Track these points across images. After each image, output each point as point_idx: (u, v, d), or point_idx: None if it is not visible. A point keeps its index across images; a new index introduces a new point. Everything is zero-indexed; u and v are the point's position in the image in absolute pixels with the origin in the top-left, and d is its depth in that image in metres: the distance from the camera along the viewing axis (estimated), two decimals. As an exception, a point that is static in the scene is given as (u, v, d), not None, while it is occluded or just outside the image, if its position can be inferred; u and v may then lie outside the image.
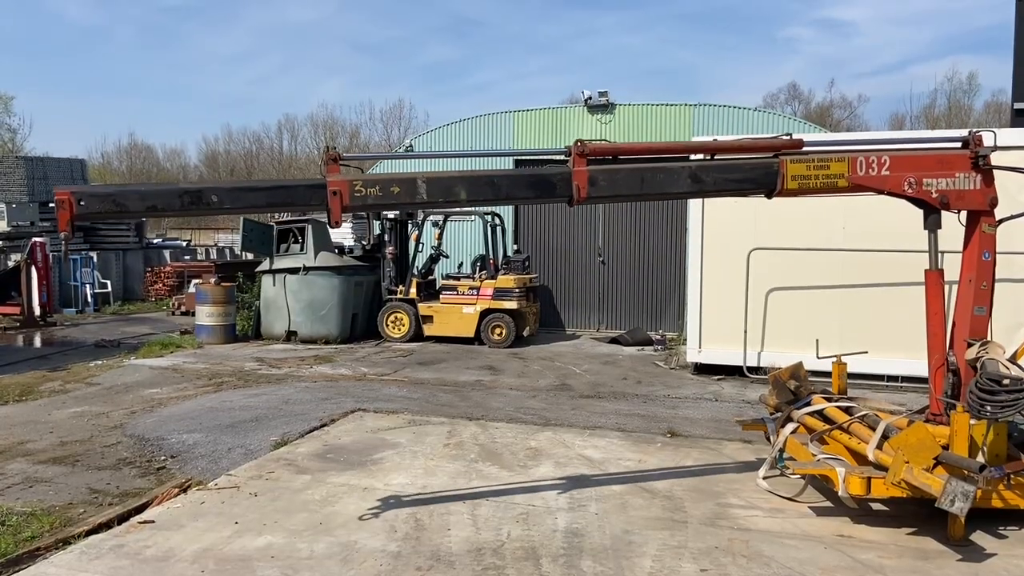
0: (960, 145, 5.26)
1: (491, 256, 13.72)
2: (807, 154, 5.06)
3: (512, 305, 13.15)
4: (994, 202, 5.18)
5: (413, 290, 13.66)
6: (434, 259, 14.37)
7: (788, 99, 48.78)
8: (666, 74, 72.46)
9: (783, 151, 5.04)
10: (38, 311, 16.01)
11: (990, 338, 5.13)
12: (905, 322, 8.40)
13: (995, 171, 5.21)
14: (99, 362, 11.50)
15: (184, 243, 29.46)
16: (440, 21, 78.11)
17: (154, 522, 4.95)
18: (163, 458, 6.62)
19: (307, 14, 77.86)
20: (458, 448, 6.80)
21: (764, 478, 5.67)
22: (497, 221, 14.13)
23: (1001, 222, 5.29)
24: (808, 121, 28.54)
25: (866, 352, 6.72)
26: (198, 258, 25.29)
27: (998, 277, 8.54)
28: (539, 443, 6.99)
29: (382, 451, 6.65)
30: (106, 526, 4.93)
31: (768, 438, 6.06)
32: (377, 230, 14.49)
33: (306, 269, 13.45)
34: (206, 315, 13.44)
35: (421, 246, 13.96)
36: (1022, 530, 4.91)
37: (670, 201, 14.97)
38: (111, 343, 13.45)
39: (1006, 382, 4.36)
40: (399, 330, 13.72)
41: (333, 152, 4.61)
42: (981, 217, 5.19)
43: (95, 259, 19.39)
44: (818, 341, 6.66)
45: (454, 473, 6.06)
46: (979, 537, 4.77)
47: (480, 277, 13.47)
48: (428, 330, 13.57)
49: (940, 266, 5.21)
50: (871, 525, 4.97)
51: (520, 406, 8.69)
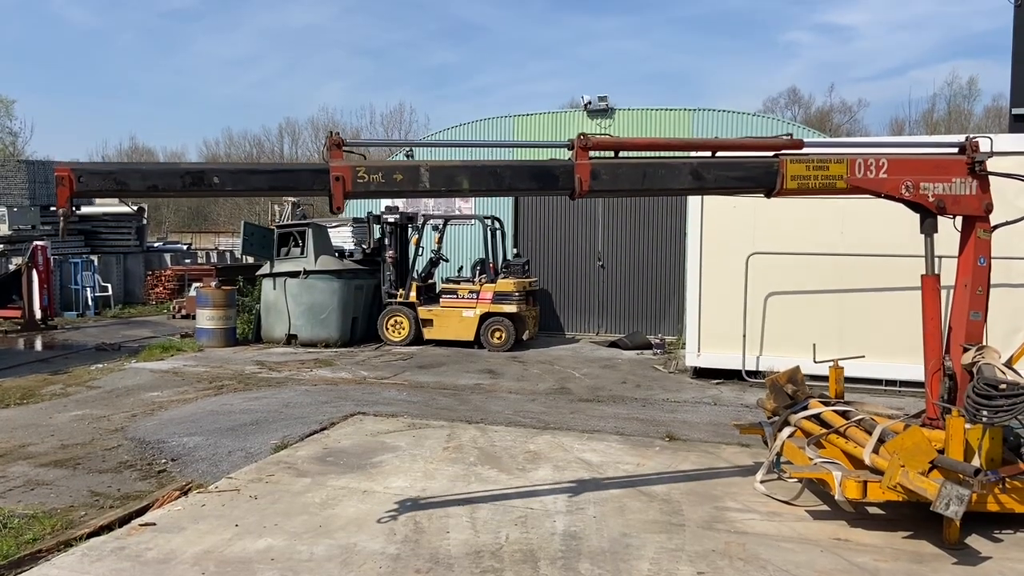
0: (957, 151, 5.31)
1: (491, 260, 13.76)
2: (807, 155, 5.10)
3: (512, 309, 13.19)
4: (989, 208, 5.22)
5: (413, 294, 13.70)
6: (434, 263, 14.41)
7: (788, 103, 48.89)
8: (666, 78, 72.71)
9: (783, 151, 5.08)
10: (39, 314, 16.06)
11: (986, 342, 5.17)
12: (903, 326, 8.45)
13: (992, 177, 5.26)
14: (100, 365, 11.54)
15: (185, 246, 29.48)
16: (441, 25, 78.34)
17: (155, 524, 4.98)
18: (164, 461, 6.64)
19: (308, 18, 78.08)
20: (457, 451, 6.83)
21: (761, 482, 5.69)
22: (497, 225, 14.18)
23: (996, 228, 5.33)
24: (807, 127, 28.62)
25: (863, 356, 6.77)
26: (198, 261, 25.32)
27: (996, 282, 8.58)
28: (538, 446, 7.02)
29: (382, 454, 6.68)
30: (107, 528, 4.95)
31: (765, 442, 6.09)
32: (377, 234, 14.54)
33: (306, 273, 13.49)
34: (206, 318, 13.47)
35: (421, 250, 14.01)
36: (1017, 534, 4.94)
37: (670, 206, 15.10)
38: (112, 346, 13.49)
39: (1003, 387, 4.39)
40: (399, 334, 13.76)
41: (337, 138, 4.60)
42: (976, 222, 5.22)
43: (96, 262, 19.43)
44: (815, 345, 6.69)
45: (453, 476, 6.09)
46: (974, 541, 4.80)
47: (480, 281, 13.52)
48: (428, 334, 13.61)
49: (936, 271, 5.25)
50: (867, 529, 5.00)
51: (519, 410, 8.72)
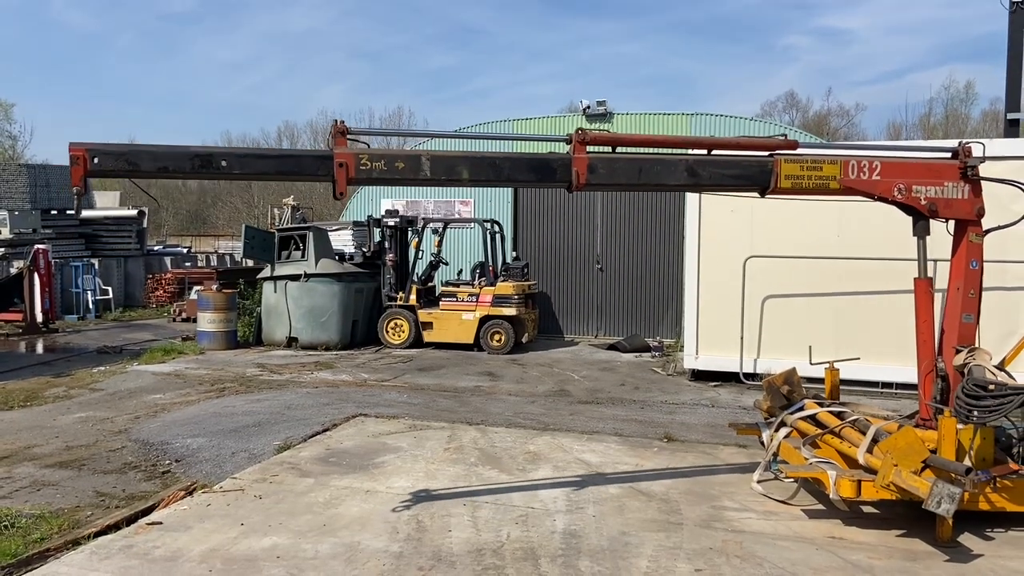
0: (950, 155, 5.41)
1: (490, 263, 13.85)
2: (801, 155, 5.20)
3: (511, 312, 13.28)
4: (981, 212, 5.32)
5: (413, 297, 13.79)
6: (434, 266, 14.49)
7: (786, 107, 49.09)
8: (664, 82, 72.98)
9: (778, 151, 5.18)
10: (40, 317, 16.12)
11: (978, 345, 5.26)
12: (899, 329, 8.52)
13: (985, 182, 5.35)
14: (102, 368, 11.61)
15: (184, 250, 29.56)
16: (439, 28, 78.62)
17: (162, 524, 5.06)
18: (168, 462, 6.72)
19: (307, 21, 78.33)
20: (458, 452, 6.91)
21: (758, 481, 5.78)
22: (496, 228, 14.27)
23: (988, 232, 5.43)
24: (805, 130, 28.77)
25: (858, 359, 6.86)
26: (198, 265, 25.40)
27: (991, 285, 8.68)
28: (538, 447, 7.11)
29: (384, 455, 6.77)
30: (114, 527, 5.03)
31: (762, 443, 6.18)
32: (377, 237, 14.63)
33: (307, 276, 13.57)
34: (208, 321, 13.55)
35: (421, 253, 14.09)
36: (1009, 532, 5.03)
37: (669, 209, 15.21)
38: (113, 349, 13.56)
39: (992, 388, 4.49)
40: (399, 336, 13.84)
41: (341, 126, 4.71)
42: (969, 227, 5.32)
43: (96, 266, 19.51)
44: (811, 348, 6.78)
45: (454, 476, 6.18)
46: (967, 539, 4.89)
47: (479, 284, 13.60)
48: (428, 336, 13.70)
49: (929, 274, 5.34)
50: (862, 527, 5.09)
51: (519, 411, 8.80)
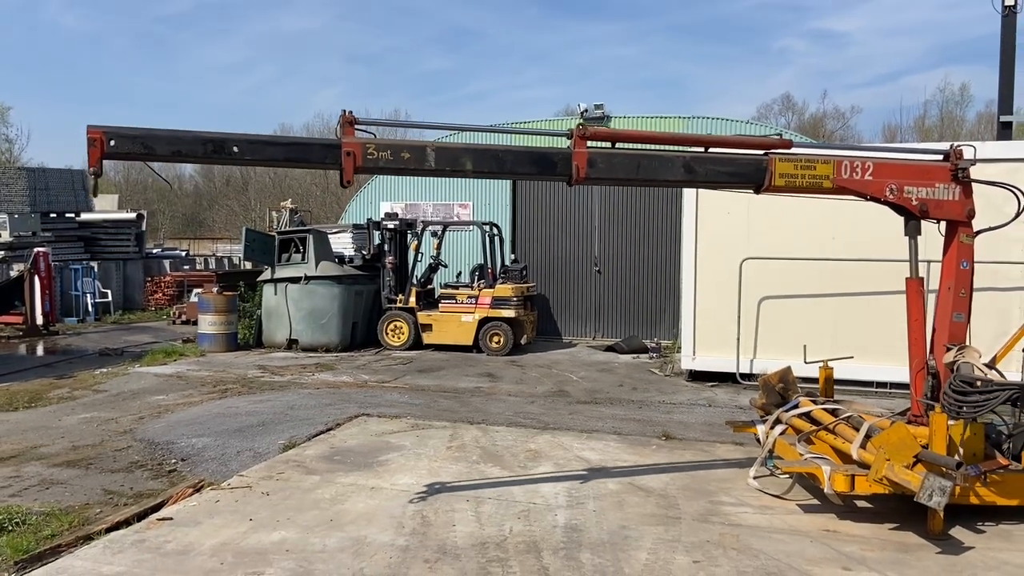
0: (942, 157, 5.55)
1: (489, 265, 13.96)
2: (795, 154, 5.34)
3: (510, 314, 13.39)
4: (971, 214, 5.46)
5: (412, 299, 13.89)
6: (433, 268, 14.60)
7: (782, 110, 49.33)
8: (662, 84, 73.27)
9: (773, 150, 5.32)
10: (41, 320, 16.17)
11: (969, 343, 5.40)
12: (894, 329, 8.64)
13: (977, 184, 5.50)
14: (104, 370, 11.70)
15: (183, 253, 29.64)
16: (436, 31, 78.88)
17: (172, 519, 5.17)
18: (174, 461, 6.82)
19: (303, 24, 78.50)
20: (460, 450, 7.03)
21: (754, 477, 5.91)
22: (495, 231, 14.39)
23: (979, 233, 5.57)
24: (801, 133, 28.95)
25: (851, 357, 6.99)
26: (197, 268, 25.49)
27: (985, 285, 8.83)
28: (538, 446, 7.23)
29: (387, 453, 6.88)
30: (125, 523, 5.14)
31: (758, 439, 6.30)
32: (377, 240, 14.74)
33: (307, 278, 13.68)
34: (208, 324, 13.64)
35: (420, 256, 14.20)
36: (1000, 525, 5.16)
37: (666, 212, 15.35)
38: (115, 351, 13.64)
39: (978, 384, 4.62)
40: (399, 338, 13.95)
41: (349, 115, 4.86)
42: (959, 228, 5.47)
43: (96, 268, 19.58)
44: (805, 347, 6.91)
45: (457, 473, 6.29)
46: (958, 532, 5.02)
47: (478, 286, 13.71)
48: (427, 338, 13.80)
49: (920, 274, 5.48)
50: (856, 521, 5.22)
51: (519, 411, 8.92)
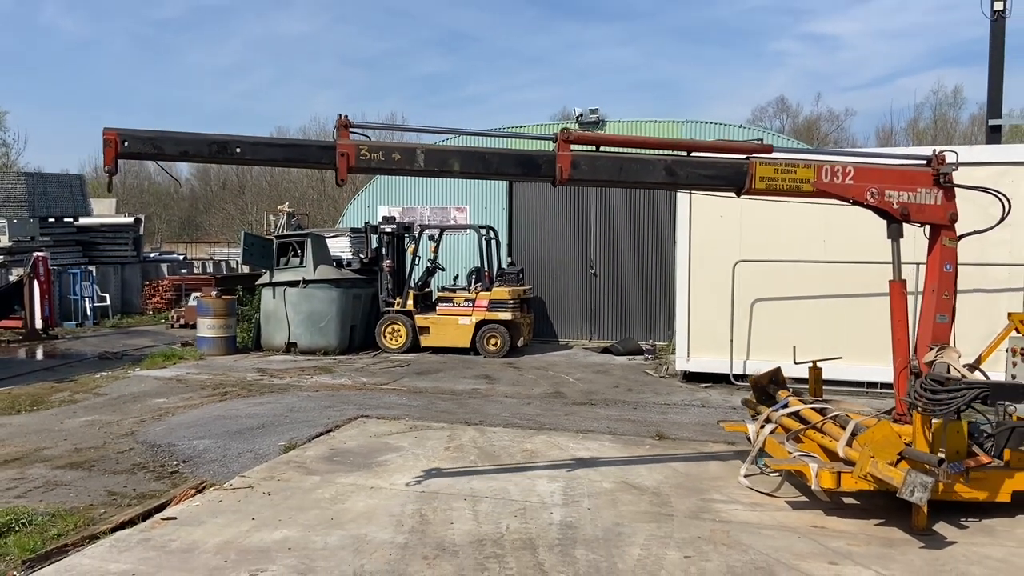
0: (925, 163, 5.70)
1: (486, 268, 14.09)
2: (776, 159, 5.50)
3: (507, 316, 13.52)
4: (954, 217, 5.60)
5: (410, 302, 14.02)
6: (430, 272, 14.74)
7: (776, 112, 49.60)
8: (656, 87, 73.58)
9: (754, 154, 5.47)
10: (40, 324, 16.28)
11: (953, 344, 5.54)
12: (885, 330, 8.75)
13: (960, 189, 5.64)
14: (104, 373, 11.81)
15: (181, 256, 29.73)
16: (432, 34, 79.09)
17: (176, 519, 5.29)
18: (175, 463, 6.93)
19: (299, 28, 78.66)
20: (458, 451, 7.16)
21: (745, 475, 6.05)
22: (492, 235, 14.53)
23: (963, 237, 5.72)
24: (795, 137, 29.16)
25: (840, 358, 7.13)
26: (195, 271, 25.59)
27: (974, 287, 8.97)
28: (535, 446, 7.36)
29: (386, 454, 7.01)
30: (130, 523, 5.24)
31: (749, 439, 6.44)
32: (375, 244, 14.87)
33: (305, 282, 13.79)
34: (207, 327, 13.75)
35: (418, 259, 14.34)
36: (983, 521, 5.31)
37: (660, 215, 15.50)
38: (114, 355, 13.74)
39: (947, 383, 4.76)
40: (396, 341, 14.07)
41: (345, 119, 5.10)
42: (942, 231, 5.61)
43: (94, 273, 19.68)
44: (795, 348, 7.05)
45: (455, 474, 6.42)
46: (942, 528, 5.16)
47: (475, 289, 13.84)
48: (425, 341, 13.93)
49: (903, 276, 5.62)
50: (842, 517, 5.36)
51: (516, 412, 9.06)
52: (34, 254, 16.83)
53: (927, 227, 5.70)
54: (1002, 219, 5.75)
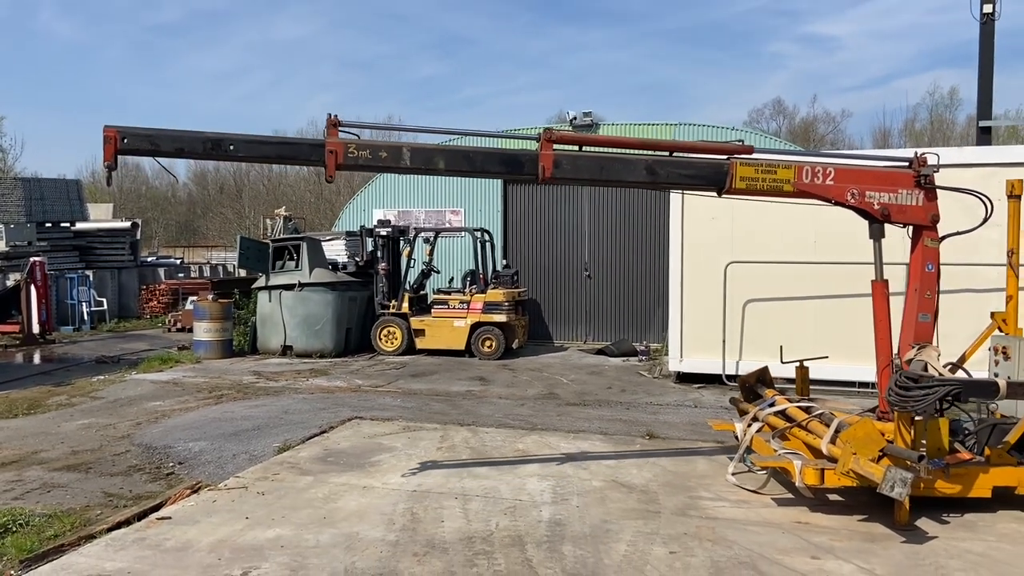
0: (908, 164, 5.80)
1: (481, 271, 14.18)
2: (757, 159, 5.60)
3: (502, 318, 13.61)
4: (935, 218, 5.69)
5: (405, 305, 14.11)
6: (425, 274, 14.82)
7: (773, 114, 49.66)
8: (652, 89, 73.71)
9: (736, 154, 5.57)
10: (37, 329, 16.36)
11: (936, 343, 5.63)
12: (872, 330, 8.93)
13: (944, 190, 5.74)
14: (101, 377, 11.88)
15: (177, 261, 29.78)
16: (429, 38, 79.24)
17: (171, 518, 5.37)
18: (171, 464, 7.01)
19: (296, 31, 78.81)
20: (450, 451, 7.25)
21: (732, 473, 6.14)
22: (486, 237, 14.61)
23: (944, 238, 5.81)
24: (791, 139, 29.27)
25: (827, 357, 7.23)
26: (191, 276, 25.64)
27: (962, 287, 9.06)
28: (526, 446, 7.45)
29: (379, 454, 7.09)
30: (126, 523, 5.33)
31: (737, 437, 6.53)
32: (370, 247, 14.96)
33: (301, 285, 13.88)
34: (204, 331, 13.82)
35: (413, 262, 14.43)
36: (964, 516, 5.40)
37: (654, 218, 15.61)
38: (111, 359, 13.82)
39: (921, 380, 4.85)
40: (392, 343, 14.15)
41: (334, 119, 5.24)
42: (924, 232, 5.70)
43: (91, 277, 19.74)
44: (782, 347, 7.14)
45: (447, 473, 6.50)
46: (923, 523, 5.25)
47: (470, 291, 13.92)
48: (420, 343, 14.01)
49: (885, 276, 5.71)
50: (826, 513, 5.45)
51: (509, 413, 9.14)
52: (31, 259, 16.90)
53: (910, 228, 5.80)
54: (984, 220, 5.85)
